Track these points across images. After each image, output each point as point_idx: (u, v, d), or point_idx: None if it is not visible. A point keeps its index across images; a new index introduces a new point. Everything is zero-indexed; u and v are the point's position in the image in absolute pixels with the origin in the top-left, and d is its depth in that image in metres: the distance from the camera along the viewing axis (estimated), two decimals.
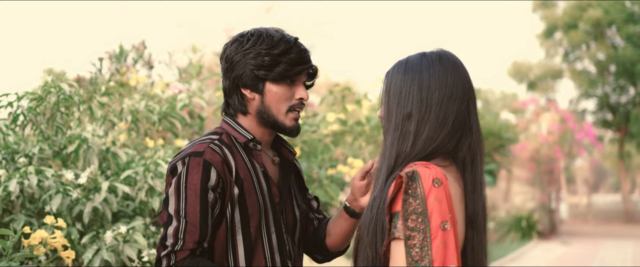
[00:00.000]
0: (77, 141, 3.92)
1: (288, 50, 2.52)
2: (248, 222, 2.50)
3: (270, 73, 2.52)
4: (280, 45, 2.52)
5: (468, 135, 2.19)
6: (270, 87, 2.54)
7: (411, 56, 2.25)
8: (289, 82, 2.55)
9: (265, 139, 2.62)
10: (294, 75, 2.54)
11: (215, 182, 2.45)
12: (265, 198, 2.55)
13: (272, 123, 2.57)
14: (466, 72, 2.24)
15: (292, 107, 2.57)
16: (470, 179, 2.18)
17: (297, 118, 2.59)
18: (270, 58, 2.51)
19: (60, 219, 3.28)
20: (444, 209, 2.03)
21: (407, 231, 2.02)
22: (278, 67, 2.51)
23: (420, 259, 2.00)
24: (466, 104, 2.19)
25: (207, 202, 2.44)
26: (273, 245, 2.55)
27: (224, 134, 2.58)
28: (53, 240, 3.20)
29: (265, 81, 2.53)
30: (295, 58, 2.53)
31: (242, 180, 2.50)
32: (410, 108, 2.16)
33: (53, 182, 3.79)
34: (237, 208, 2.49)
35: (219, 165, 2.46)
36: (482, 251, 2.21)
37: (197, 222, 2.42)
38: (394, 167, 2.16)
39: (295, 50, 2.53)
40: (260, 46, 2.52)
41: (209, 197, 2.44)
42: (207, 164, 2.45)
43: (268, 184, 2.58)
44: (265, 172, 2.58)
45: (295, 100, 2.57)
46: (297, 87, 2.58)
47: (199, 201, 2.43)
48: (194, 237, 2.42)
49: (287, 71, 2.52)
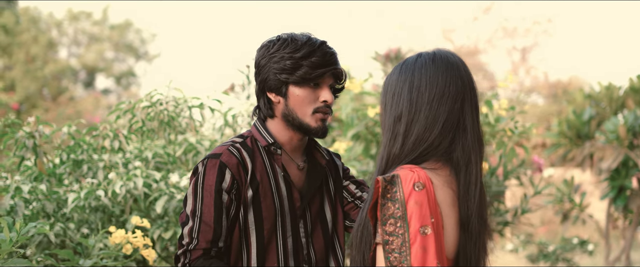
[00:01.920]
0: (184, 145, 4.12)
1: (310, 54, 2.53)
2: (262, 225, 2.54)
3: (291, 76, 2.54)
4: (303, 48, 2.53)
5: (461, 136, 2.11)
6: (293, 90, 2.56)
7: (409, 57, 2.21)
8: (313, 85, 2.56)
9: (293, 142, 2.64)
10: (315, 78, 2.54)
11: (229, 183, 2.50)
12: (283, 202, 2.58)
13: (298, 126, 2.58)
14: (462, 72, 2.16)
15: (317, 109, 2.57)
16: (463, 182, 2.10)
17: (324, 119, 2.59)
18: (292, 61, 2.53)
19: (145, 220, 3.45)
20: (425, 213, 1.97)
21: (385, 235, 1.99)
22: (299, 70, 2.53)
23: (398, 263, 1.96)
24: (459, 105, 2.12)
25: (221, 203, 2.50)
26: (288, 249, 2.57)
27: (249, 137, 2.64)
28: (134, 239, 3.38)
29: (288, 84, 2.56)
30: (317, 61, 2.52)
31: (258, 182, 2.54)
32: (401, 109, 2.13)
33: (163, 185, 4.01)
34: (251, 210, 2.53)
35: (234, 167, 2.52)
36: (477, 256, 2.13)
37: (211, 222, 2.49)
38: (384, 170, 2.12)
39: (319, 53, 2.53)
40: (284, 50, 2.55)
41: (223, 198, 2.50)
42: (223, 166, 2.51)
43: (288, 188, 2.60)
44: (287, 177, 2.60)
45: (319, 103, 2.57)
46: (322, 89, 2.57)
47: (214, 202, 2.50)
48: (208, 236, 2.49)
49: (308, 74, 2.53)
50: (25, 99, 21.27)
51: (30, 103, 21.30)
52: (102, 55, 26.93)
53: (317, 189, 2.68)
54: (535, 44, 19.73)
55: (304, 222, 2.62)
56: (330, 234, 2.68)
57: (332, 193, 2.72)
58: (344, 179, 2.80)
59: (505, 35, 20.05)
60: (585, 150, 7.95)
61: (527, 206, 5.63)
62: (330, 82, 2.59)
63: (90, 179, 4.03)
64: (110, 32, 27.24)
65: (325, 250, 2.66)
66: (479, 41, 20.24)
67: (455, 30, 20.06)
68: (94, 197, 3.85)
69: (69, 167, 4.27)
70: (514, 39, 19.87)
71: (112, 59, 27.80)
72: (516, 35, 19.70)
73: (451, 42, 20.15)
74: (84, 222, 4.00)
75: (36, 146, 4.05)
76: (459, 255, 2.09)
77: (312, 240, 2.63)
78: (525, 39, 19.48)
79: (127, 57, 28.09)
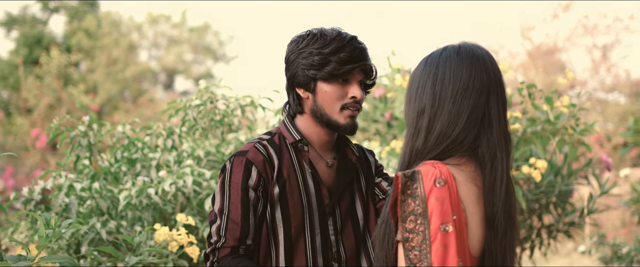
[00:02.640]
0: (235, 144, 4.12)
1: (339, 49, 2.49)
2: (289, 222, 2.51)
3: (319, 72, 2.51)
4: (331, 44, 2.50)
5: (487, 131, 2.05)
6: (322, 86, 2.53)
7: (434, 51, 2.15)
8: (341, 81, 2.52)
9: (322, 139, 2.61)
10: (344, 74, 2.50)
11: (255, 180, 2.49)
12: (311, 199, 2.54)
13: (326, 122, 2.55)
14: (489, 65, 2.09)
15: (345, 105, 2.53)
16: (489, 178, 2.04)
17: (353, 116, 2.55)
18: (320, 57, 2.50)
19: (190, 217, 3.46)
20: (446, 210, 1.92)
21: (405, 232, 1.94)
22: (327, 66, 2.49)
23: (418, 261, 1.91)
24: (484, 99, 2.05)
25: (248, 200, 2.48)
26: (316, 246, 2.54)
27: (277, 134, 2.62)
28: (179, 237, 3.40)
29: (317, 80, 2.53)
30: (345, 57, 2.49)
31: (285, 180, 2.52)
32: (424, 103, 2.07)
33: (213, 183, 4.02)
34: (278, 207, 2.51)
35: (260, 164, 2.50)
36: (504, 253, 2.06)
37: (238, 220, 2.48)
38: (407, 166, 2.08)
39: (348, 49, 2.50)
40: (313, 46, 2.52)
41: (250, 196, 2.48)
42: (249, 163, 2.50)
43: (316, 185, 2.57)
44: (315, 173, 2.57)
45: (348, 99, 2.53)
46: (351, 86, 2.54)
47: (240, 199, 2.48)
48: (235, 234, 2.48)
49: (336, 70, 2.49)
50: (106, 101, 21.74)
51: (112, 105, 21.76)
52: (181, 58, 27.36)
53: (347, 186, 2.64)
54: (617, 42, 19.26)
55: (333, 219, 2.59)
56: (361, 231, 2.64)
57: (364, 190, 2.68)
58: (377, 175, 2.75)
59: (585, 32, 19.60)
60: None
61: (594, 206, 5.47)
62: (359, 78, 2.55)
63: (143, 177, 4.07)
64: (189, 35, 27.65)
65: (356, 247, 2.62)
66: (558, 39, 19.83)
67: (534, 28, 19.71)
68: (145, 195, 3.89)
69: (124, 165, 4.32)
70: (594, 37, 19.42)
71: (191, 61, 28.22)
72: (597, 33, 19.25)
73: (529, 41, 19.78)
74: (137, 220, 4.04)
75: (91, 145, 4.11)
76: (484, 253, 2.02)
77: (342, 237, 2.60)
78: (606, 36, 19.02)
79: (205, 59, 28.47)
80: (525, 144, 4.69)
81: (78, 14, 24.20)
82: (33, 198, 4.03)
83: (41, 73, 18.19)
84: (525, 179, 4.93)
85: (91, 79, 22.26)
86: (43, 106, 16.30)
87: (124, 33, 25.80)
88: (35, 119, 16.16)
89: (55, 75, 17.87)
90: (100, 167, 4.24)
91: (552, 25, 19.89)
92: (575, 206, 5.62)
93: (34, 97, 16.59)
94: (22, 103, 17.47)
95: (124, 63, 23.85)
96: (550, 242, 5.64)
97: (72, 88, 18.37)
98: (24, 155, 15.50)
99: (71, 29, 23.56)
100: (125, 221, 3.97)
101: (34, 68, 19.61)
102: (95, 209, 4.04)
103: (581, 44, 19.70)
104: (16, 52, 22.11)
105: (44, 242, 2.59)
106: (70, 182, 3.95)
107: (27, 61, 21.26)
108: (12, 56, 22.13)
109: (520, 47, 19.89)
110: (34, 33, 22.69)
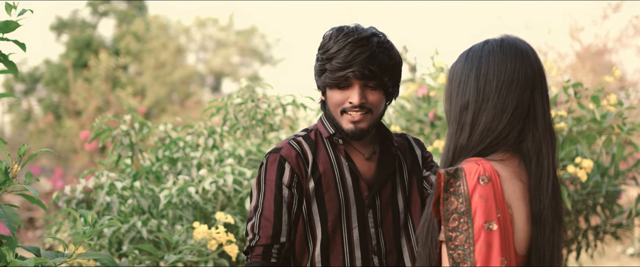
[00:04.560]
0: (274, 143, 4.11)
1: (335, 55, 2.44)
2: (326, 216, 2.49)
3: (319, 80, 2.52)
4: (332, 48, 2.46)
5: (532, 126, 1.99)
6: (328, 92, 2.52)
7: (475, 44, 2.10)
8: (342, 86, 2.48)
9: None
10: (335, 83, 2.46)
11: (289, 176, 2.49)
12: (348, 192, 2.52)
13: (336, 125, 2.53)
14: (532, 58, 2.04)
15: (344, 110, 2.48)
16: (534, 174, 1.98)
17: (355, 121, 2.48)
18: (319, 64, 2.50)
19: (229, 216, 3.46)
20: (490, 208, 1.87)
21: (448, 231, 1.89)
22: (323, 75, 2.49)
23: (462, 261, 1.87)
24: (529, 93, 1.99)
25: (281, 198, 2.48)
26: (353, 240, 2.51)
27: (314, 130, 2.60)
28: (217, 235, 3.39)
29: (324, 87, 2.53)
30: (337, 64, 2.43)
31: (321, 174, 2.50)
32: (468, 98, 2.01)
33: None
34: (315, 202, 2.50)
35: (293, 160, 2.50)
36: (551, 250, 1.99)
37: (271, 217, 2.47)
38: (450, 162, 2.02)
39: (343, 54, 2.43)
40: (320, 50, 2.51)
41: (284, 193, 2.48)
42: (282, 160, 2.50)
43: (354, 178, 2.54)
44: (352, 166, 2.54)
45: (347, 104, 2.47)
46: (351, 90, 2.47)
47: (274, 197, 2.48)
48: (268, 232, 2.47)
49: (329, 79, 2.47)
50: (154, 103, 21.95)
51: (160, 107, 21.97)
52: (228, 60, 27.51)
53: (388, 178, 2.59)
54: None
55: (373, 211, 2.55)
56: (401, 223, 2.59)
57: (406, 181, 2.63)
58: (425, 168, 2.69)
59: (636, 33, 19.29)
60: None
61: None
62: (361, 82, 2.46)
63: (184, 176, 4.08)
64: (236, 38, 27.79)
65: (396, 240, 2.57)
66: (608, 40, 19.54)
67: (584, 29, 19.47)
68: (186, 194, 3.89)
69: (165, 164, 4.34)
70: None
71: (238, 64, 28.36)
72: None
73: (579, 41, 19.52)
74: (178, 219, 4.05)
75: (132, 144, 4.13)
76: (531, 251, 1.96)
77: (383, 230, 2.55)
78: None
79: (252, 62, 28.59)
80: (570, 143, 4.59)
81: (127, 17, 24.50)
82: (75, 197, 4.06)
83: (90, 76, 18.44)
84: (571, 179, 4.83)
85: (139, 82, 22.51)
86: (92, 109, 16.52)
87: (172, 36, 26.00)
88: (84, 121, 16.38)
89: (103, 78, 18.09)
90: (142, 167, 4.26)
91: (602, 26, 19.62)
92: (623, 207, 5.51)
93: (83, 100, 16.81)
94: (71, 106, 17.73)
95: (172, 66, 24.05)
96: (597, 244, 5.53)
97: (121, 91, 18.59)
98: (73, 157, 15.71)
99: (120, 33, 23.85)
100: (166, 219, 3.98)
101: (83, 71, 19.88)
102: (136, 207, 4.06)
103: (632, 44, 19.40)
104: (66, 56, 22.45)
105: (82, 238, 2.60)
106: (111, 181, 3.97)
107: (76, 64, 21.57)
108: (62, 60, 22.48)
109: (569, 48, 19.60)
110: (83, 37, 23.03)
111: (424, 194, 2.65)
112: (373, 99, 2.48)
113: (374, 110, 2.49)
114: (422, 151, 2.72)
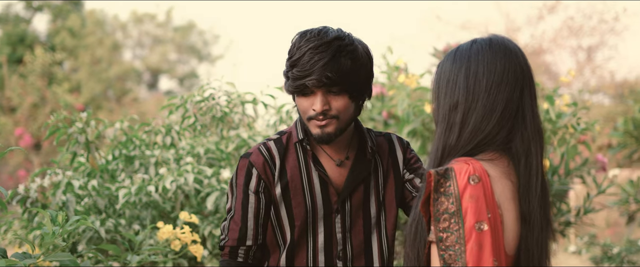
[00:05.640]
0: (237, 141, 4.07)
1: (295, 64, 2.40)
2: (293, 221, 2.51)
3: (285, 87, 2.49)
4: (294, 56, 2.41)
5: (520, 125, 1.99)
6: (296, 98, 2.50)
7: (462, 44, 2.09)
8: (304, 94, 2.44)
9: None
10: (297, 92, 2.44)
11: (255, 183, 2.51)
12: (315, 198, 2.51)
13: (306, 130, 2.52)
14: (520, 58, 2.03)
15: (309, 117, 2.44)
16: (523, 174, 1.98)
17: (321, 126, 2.43)
18: (284, 71, 2.46)
19: (193, 216, 3.41)
20: (481, 208, 1.86)
21: (438, 232, 1.88)
22: (287, 83, 2.46)
23: (453, 262, 1.85)
24: (518, 92, 1.99)
25: (248, 203, 2.51)
26: (318, 245, 2.52)
27: (287, 134, 2.58)
28: (183, 235, 3.34)
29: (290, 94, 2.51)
30: (297, 73, 2.39)
31: (288, 180, 2.51)
32: (457, 97, 1.99)
33: (214, 181, 3.96)
34: (283, 206, 2.51)
35: (260, 166, 2.50)
36: (540, 250, 1.99)
37: (239, 220, 2.51)
38: (440, 162, 2.01)
39: (302, 61, 2.38)
40: (287, 56, 2.46)
41: (251, 199, 2.51)
42: (250, 166, 2.51)
43: (323, 184, 2.53)
44: (322, 172, 2.52)
45: (311, 111, 2.43)
46: (314, 96, 2.42)
47: (242, 202, 2.51)
48: (235, 235, 2.52)
49: (291, 86, 2.44)
50: (90, 100, 21.61)
51: (95, 104, 21.64)
52: (165, 57, 27.25)
53: (360, 183, 2.56)
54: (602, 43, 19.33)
55: (341, 217, 2.53)
56: (374, 228, 2.57)
57: (381, 186, 2.60)
58: (409, 171, 2.65)
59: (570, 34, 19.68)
60: None
61: (590, 206, 5.45)
62: (323, 90, 2.41)
63: (141, 174, 4.01)
64: (174, 34, 27.53)
65: (367, 245, 2.56)
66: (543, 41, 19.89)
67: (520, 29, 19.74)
68: (145, 193, 3.83)
69: (121, 163, 4.26)
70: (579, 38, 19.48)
71: (175, 61, 28.11)
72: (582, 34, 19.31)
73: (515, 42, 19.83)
74: (135, 218, 3.98)
75: (88, 142, 4.04)
76: (520, 251, 1.96)
77: (351, 235, 2.54)
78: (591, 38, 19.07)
79: (190, 59, 28.36)
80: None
81: (62, 12, 24.04)
82: (29, 196, 3.96)
83: (25, 72, 18.03)
84: None
85: (75, 78, 22.12)
86: (27, 105, 16.19)
87: (108, 32, 25.66)
88: (19, 118, 16.04)
89: (39, 74, 17.72)
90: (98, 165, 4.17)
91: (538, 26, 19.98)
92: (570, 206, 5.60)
93: (17, 96, 16.46)
94: (5, 102, 17.31)
95: (108, 62, 23.72)
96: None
97: (56, 87, 18.25)
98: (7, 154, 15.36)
99: (55, 28, 23.41)
100: (123, 219, 3.91)
101: (18, 67, 19.44)
102: (92, 207, 3.98)
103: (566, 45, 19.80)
104: None
105: (51, 239, 2.53)
106: (68, 180, 3.88)
107: (10, 60, 21.07)
108: None
109: None
110: (17, 32, 22.52)
111: (405, 197, 2.64)
112: (338, 104, 2.42)
113: (340, 115, 2.44)
114: (404, 152, 2.67)
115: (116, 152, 4.28)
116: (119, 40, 26.37)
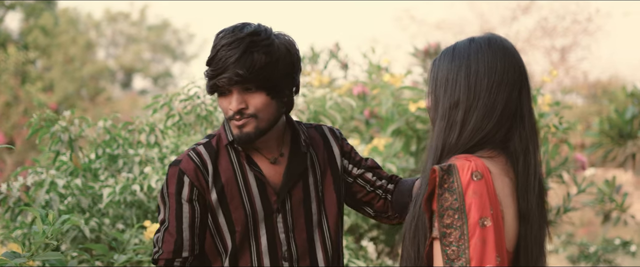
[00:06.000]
0: None
1: (209, 61, 2.33)
2: (233, 227, 2.41)
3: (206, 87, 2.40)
4: (211, 53, 2.33)
5: (519, 125, 2.01)
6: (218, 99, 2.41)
7: (459, 42, 2.09)
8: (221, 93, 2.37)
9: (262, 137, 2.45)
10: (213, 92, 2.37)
11: (188, 191, 2.40)
12: (254, 200, 2.42)
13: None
14: (518, 58, 2.06)
15: (229, 117, 2.36)
16: (522, 172, 1.99)
17: (239, 126, 2.35)
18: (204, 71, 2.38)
19: None
20: (484, 204, 1.86)
21: (442, 228, 1.88)
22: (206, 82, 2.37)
23: (456, 258, 1.86)
24: (517, 92, 2.01)
25: (182, 213, 2.41)
26: (261, 248, 2.43)
27: (216, 136, 2.49)
28: None
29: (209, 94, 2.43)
30: (210, 72, 2.32)
31: (223, 184, 2.41)
32: (458, 96, 2.00)
33: None
34: (221, 213, 2.41)
35: (191, 173, 2.40)
36: (538, 248, 2.01)
37: (173, 232, 2.41)
38: (439, 160, 2.01)
39: (215, 60, 2.30)
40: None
41: (185, 208, 2.40)
42: (181, 174, 2.40)
43: (260, 184, 2.44)
44: (257, 173, 2.44)
45: (229, 111, 2.35)
46: (231, 96, 2.34)
47: (175, 212, 2.41)
48: (170, 247, 2.41)
49: (207, 86, 2.37)
50: (63, 99, 21.45)
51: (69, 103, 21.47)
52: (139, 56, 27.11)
53: (298, 179, 2.48)
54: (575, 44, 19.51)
55: (283, 217, 2.45)
56: (316, 225, 2.49)
57: (319, 181, 2.52)
58: (355, 166, 2.60)
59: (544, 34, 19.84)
60: (627, 150, 7.78)
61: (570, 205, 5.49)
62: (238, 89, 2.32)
63: (125, 174, 3.98)
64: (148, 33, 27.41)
65: (311, 243, 2.48)
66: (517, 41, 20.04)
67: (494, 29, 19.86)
68: (130, 192, 3.80)
69: (105, 162, 4.22)
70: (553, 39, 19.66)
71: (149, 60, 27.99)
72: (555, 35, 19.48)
73: None
74: (119, 218, 3.94)
75: (71, 141, 4.00)
76: (519, 248, 1.97)
77: (294, 235, 2.46)
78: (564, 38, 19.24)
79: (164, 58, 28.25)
80: None
81: (35, 11, 23.82)
82: (12, 195, 3.91)
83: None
84: None
85: (48, 77, 21.94)
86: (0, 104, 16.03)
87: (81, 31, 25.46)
88: None
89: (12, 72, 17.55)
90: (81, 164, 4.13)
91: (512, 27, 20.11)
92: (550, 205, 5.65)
93: None
94: None
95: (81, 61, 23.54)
96: None
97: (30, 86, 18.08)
98: None
99: (27, 26, 23.20)
100: (107, 218, 3.88)
101: None
102: (76, 206, 3.94)
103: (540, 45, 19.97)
104: None
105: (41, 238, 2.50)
106: (51, 179, 3.84)
107: None
108: None
109: None
110: None
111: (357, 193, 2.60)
112: (255, 102, 2.33)
113: (259, 113, 2.34)
114: (341, 145, 2.60)
115: (99, 151, 4.24)
116: (92, 39, 26.18)
